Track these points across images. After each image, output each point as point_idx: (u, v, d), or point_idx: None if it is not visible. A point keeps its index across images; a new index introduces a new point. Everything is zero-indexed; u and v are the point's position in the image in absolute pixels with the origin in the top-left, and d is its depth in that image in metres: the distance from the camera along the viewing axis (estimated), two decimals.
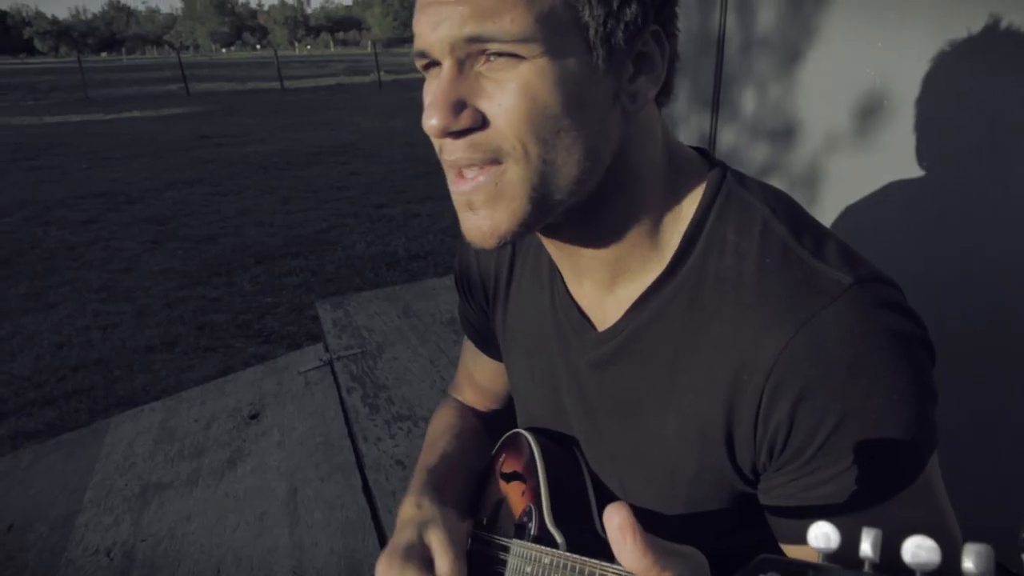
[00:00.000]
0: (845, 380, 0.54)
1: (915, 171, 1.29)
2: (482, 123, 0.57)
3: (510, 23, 0.53)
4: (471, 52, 0.56)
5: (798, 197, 0.67)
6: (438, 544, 0.71)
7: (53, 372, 3.65)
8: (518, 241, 0.83)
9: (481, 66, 0.56)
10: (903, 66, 1.27)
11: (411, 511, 0.77)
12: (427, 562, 0.70)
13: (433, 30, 0.56)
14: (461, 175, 0.60)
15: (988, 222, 1.22)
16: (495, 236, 0.61)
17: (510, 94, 0.55)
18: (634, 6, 0.56)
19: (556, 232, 0.67)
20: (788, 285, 0.58)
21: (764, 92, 1.71)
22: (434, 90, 0.57)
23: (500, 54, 0.55)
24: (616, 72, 0.58)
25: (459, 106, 0.56)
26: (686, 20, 1.98)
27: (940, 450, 0.58)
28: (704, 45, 1.85)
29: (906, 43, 1.27)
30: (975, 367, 1.26)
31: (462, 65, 0.57)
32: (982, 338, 1.26)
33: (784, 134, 1.66)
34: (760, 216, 0.62)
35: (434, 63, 0.59)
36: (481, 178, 0.59)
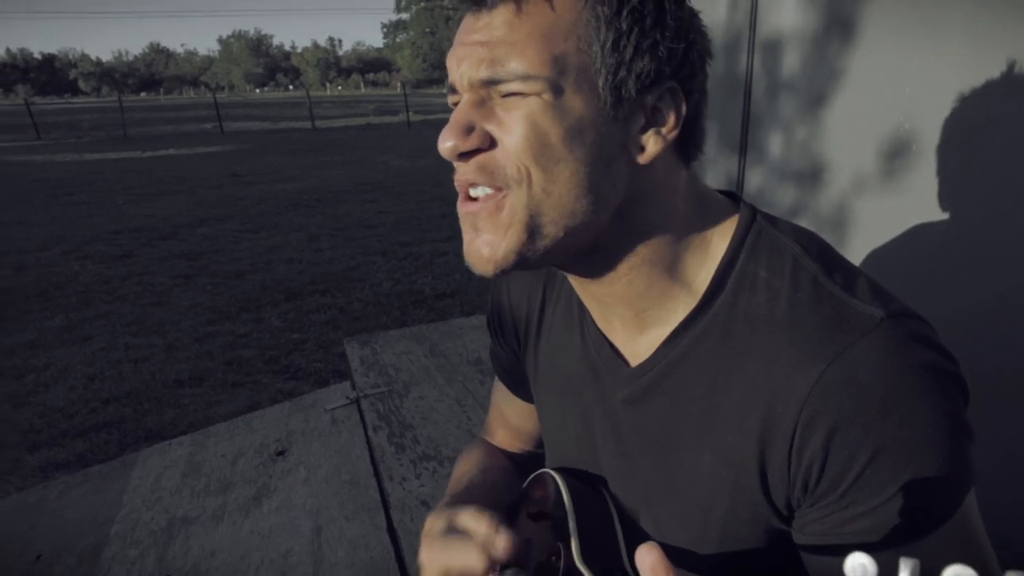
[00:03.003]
0: (878, 414, 0.54)
1: (944, 213, 1.28)
2: (490, 145, 0.61)
3: (520, 64, 0.58)
4: (486, 91, 0.61)
5: (827, 238, 0.68)
6: (470, 517, 0.68)
7: (85, 404, 3.71)
8: (547, 283, 0.85)
9: (496, 100, 0.61)
10: (931, 109, 1.28)
11: (434, 518, 0.75)
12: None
13: (457, 67, 0.62)
14: (469, 197, 0.64)
15: (1019, 263, 1.20)
16: (492, 262, 0.63)
17: (516, 122, 0.59)
18: (647, 59, 0.59)
19: (574, 271, 0.70)
20: (820, 320, 0.58)
21: (792, 135, 1.71)
22: (452, 118, 0.62)
23: (512, 94, 0.59)
24: (624, 121, 0.61)
25: (470, 129, 0.61)
26: (713, 63, 2.01)
27: (976, 488, 0.57)
28: (731, 88, 1.87)
29: (934, 87, 1.28)
30: (1008, 408, 1.24)
31: (481, 98, 0.61)
32: (1016, 379, 1.24)
33: (812, 176, 1.66)
34: (791, 254, 0.63)
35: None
36: (487, 198, 0.63)
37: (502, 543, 0.64)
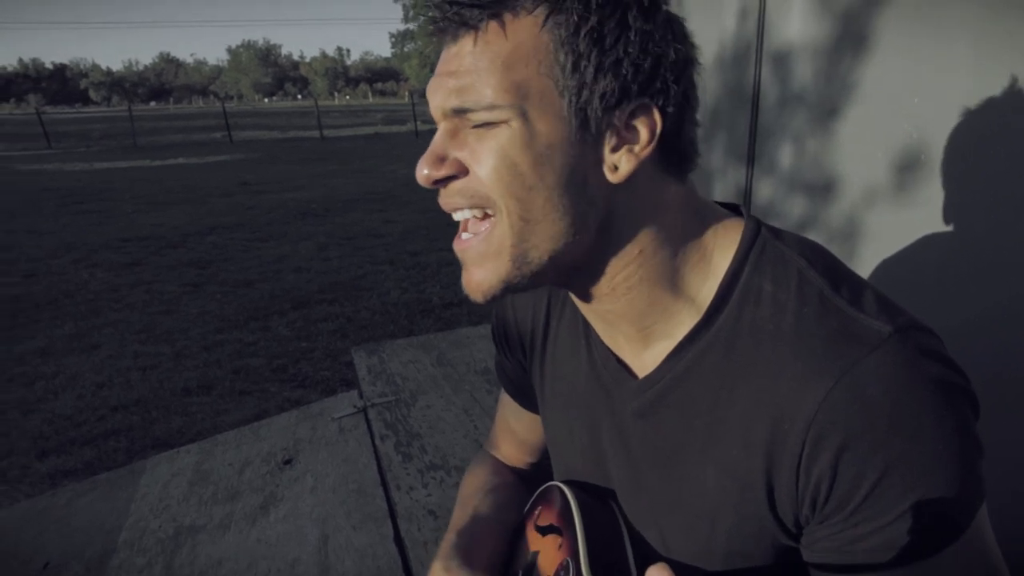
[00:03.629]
0: (888, 430, 0.54)
1: (952, 224, 1.28)
2: (464, 172, 0.63)
3: (483, 94, 0.59)
4: (458, 119, 0.63)
5: (835, 251, 0.68)
6: None
7: (93, 411, 3.72)
8: (552, 295, 0.85)
9: (468, 129, 0.62)
10: (939, 119, 1.28)
11: None
12: None
13: (432, 98, 0.64)
14: (459, 234, 0.68)
15: None
16: (480, 291, 0.66)
17: (486, 152, 0.61)
18: (609, 78, 0.59)
19: (577, 293, 0.71)
20: (827, 335, 0.58)
21: (799, 145, 1.71)
22: (429, 146, 0.65)
23: (481, 123, 0.61)
24: (594, 141, 0.61)
25: (442, 158, 0.63)
26: (721, 74, 2.01)
27: (987, 503, 0.57)
28: (739, 99, 1.87)
29: (942, 97, 1.28)
30: (1017, 419, 1.23)
31: (455, 128, 0.63)
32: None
33: (819, 187, 1.66)
34: (796, 267, 0.63)
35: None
36: (475, 235, 0.66)
37: None
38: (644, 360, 0.72)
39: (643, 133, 0.61)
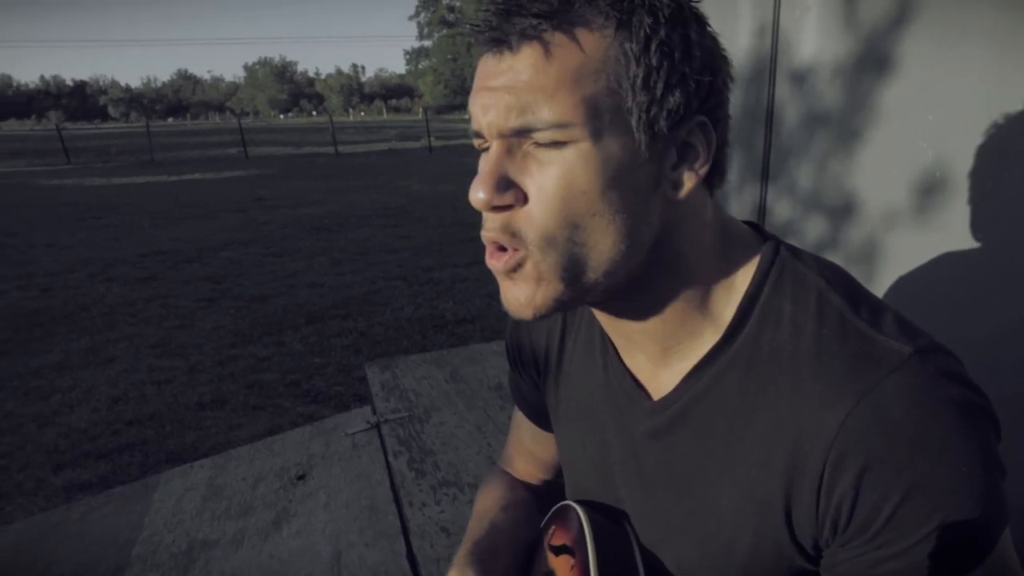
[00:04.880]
0: (910, 453, 0.53)
1: (973, 245, 1.27)
2: (524, 201, 0.59)
3: (551, 110, 0.56)
4: (519, 138, 0.59)
5: (851, 270, 0.67)
6: None
7: (108, 426, 3.74)
8: (567, 313, 0.85)
9: (528, 147, 0.59)
10: (956, 138, 1.27)
11: None
12: None
13: (484, 115, 0.59)
14: (494, 252, 0.63)
15: None
16: (530, 307, 0.62)
17: (550, 176, 0.58)
18: (678, 94, 0.58)
19: (603, 307, 0.69)
20: (847, 356, 0.58)
21: (815, 164, 1.71)
22: (483, 165, 0.60)
23: (547, 143, 0.57)
24: (658, 158, 0.60)
25: (504, 183, 0.59)
26: (737, 92, 2.02)
27: (1011, 524, 0.57)
28: (755, 116, 1.87)
29: (959, 115, 1.27)
30: None
31: (511, 146, 0.59)
32: None
33: (837, 207, 1.65)
34: (815, 287, 0.63)
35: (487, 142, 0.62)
36: (512, 257, 0.61)
37: None
38: (661, 380, 0.71)
39: (700, 149, 0.61)
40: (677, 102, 0.58)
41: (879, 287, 1.41)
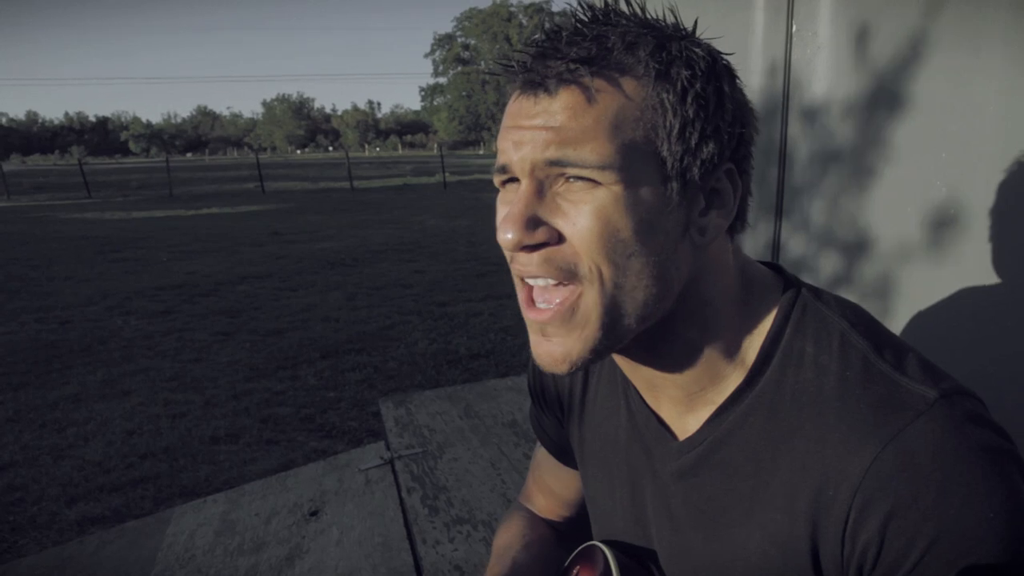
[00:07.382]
0: (936, 498, 0.53)
1: (989, 280, 1.27)
2: (557, 240, 0.59)
3: (590, 152, 0.56)
4: (550, 174, 0.59)
5: (867, 307, 0.68)
6: None
7: (122, 459, 3.75)
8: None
9: (559, 187, 0.59)
10: (970, 175, 1.28)
11: None
12: None
13: (516, 150, 0.59)
14: (532, 302, 0.63)
15: None
16: (567, 362, 0.62)
17: (585, 215, 0.58)
18: (711, 145, 0.59)
19: (627, 354, 0.69)
20: (872, 400, 0.57)
21: (827, 200, 1.72)
22: (511, 205, 0.60)
23: (579, 178, 0.58)
24: (688, 205, 0.61)
25: (534, 222, 0.59)
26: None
27: None
28: (769, 153, 1.88)
29: (972, 152, 1.28)
30: None
31: (540, 185, 0.60)
32: None
33: (851, 244, 1.65)
34: (838, 329, 0.63)
35: (513, 179, 0.62)
36: (556, 302, 0.61)
37: None
38: (686, 421, 0.71)
39: (729, 197, 0.63)
40: (710, 152, 0.59)
41: (894, 323, 1.41)
